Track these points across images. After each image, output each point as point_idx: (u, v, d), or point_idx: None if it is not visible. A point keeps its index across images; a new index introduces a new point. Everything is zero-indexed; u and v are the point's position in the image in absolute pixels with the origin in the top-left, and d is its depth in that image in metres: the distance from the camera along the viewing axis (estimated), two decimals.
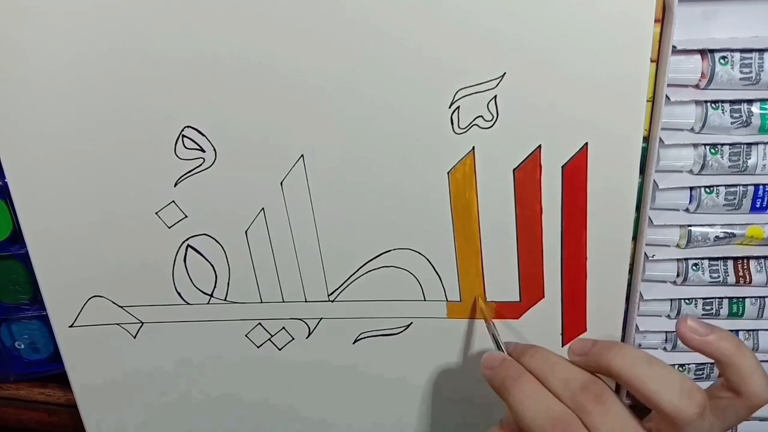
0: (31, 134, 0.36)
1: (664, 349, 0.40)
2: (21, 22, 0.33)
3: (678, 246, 0.37)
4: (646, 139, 0.34)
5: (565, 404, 0.29)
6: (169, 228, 0.38)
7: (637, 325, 0.39)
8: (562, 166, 0.35)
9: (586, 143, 0.34)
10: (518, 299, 0.39)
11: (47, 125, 0.36)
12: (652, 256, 0.37)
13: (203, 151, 0.36)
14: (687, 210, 0.37)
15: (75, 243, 0.39)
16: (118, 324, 0.41)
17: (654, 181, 0.35)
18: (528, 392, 0.30)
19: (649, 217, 0.36)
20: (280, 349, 0.42)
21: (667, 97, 0.33)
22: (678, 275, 0.38)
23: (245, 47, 0.33)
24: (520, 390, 0.30)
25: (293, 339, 0.41)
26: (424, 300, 0.39)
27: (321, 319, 0.40)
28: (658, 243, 0.37)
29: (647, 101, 0.33)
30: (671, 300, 0.39)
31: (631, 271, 0.37)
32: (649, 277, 0.38)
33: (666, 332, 0.40)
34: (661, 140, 0.34)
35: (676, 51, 0.32)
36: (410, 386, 0.42)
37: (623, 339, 0.39)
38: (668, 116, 0.34)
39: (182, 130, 0.36)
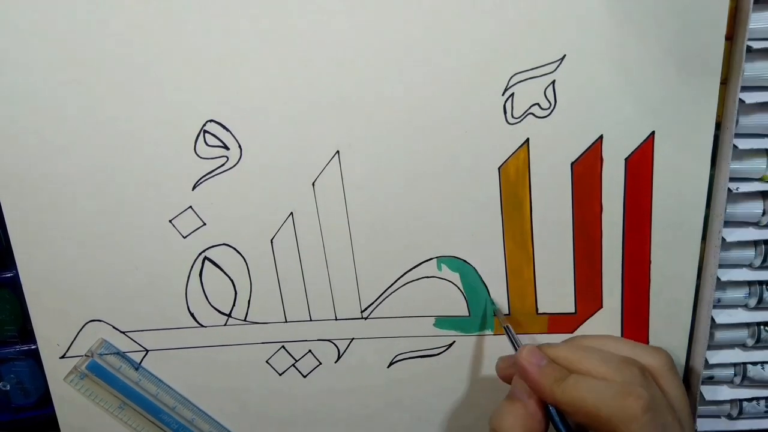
0: (24, 131, 0.32)
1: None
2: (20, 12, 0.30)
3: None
4: (719, 126, 0.32)
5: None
6: (185, 238, 0.34)
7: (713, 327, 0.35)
8: (626, 159, 0.32)
9: (653, 132, 0.31)
10: (573, 311, 0.35)
11: (41, 119, 0.32)
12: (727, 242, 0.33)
13: (227, 148, 0.32)
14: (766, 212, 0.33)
15: (72, 257, 0.34)
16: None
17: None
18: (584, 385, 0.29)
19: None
20: (305, 376, 0.37)
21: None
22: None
23: (274, 29, 0.30)
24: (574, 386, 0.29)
25: (320, 364, 0.37)
26: (469, 315, 0.35)
27: (352, 339, 0.36)
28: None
29: (721, 84, 0.30)
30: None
31: (699, 276, 0.34)
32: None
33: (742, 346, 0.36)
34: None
35: None
36: (452, 414, 0.38)
37: (689, 354, 0.36)
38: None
39: (204, 125, 0.32)
